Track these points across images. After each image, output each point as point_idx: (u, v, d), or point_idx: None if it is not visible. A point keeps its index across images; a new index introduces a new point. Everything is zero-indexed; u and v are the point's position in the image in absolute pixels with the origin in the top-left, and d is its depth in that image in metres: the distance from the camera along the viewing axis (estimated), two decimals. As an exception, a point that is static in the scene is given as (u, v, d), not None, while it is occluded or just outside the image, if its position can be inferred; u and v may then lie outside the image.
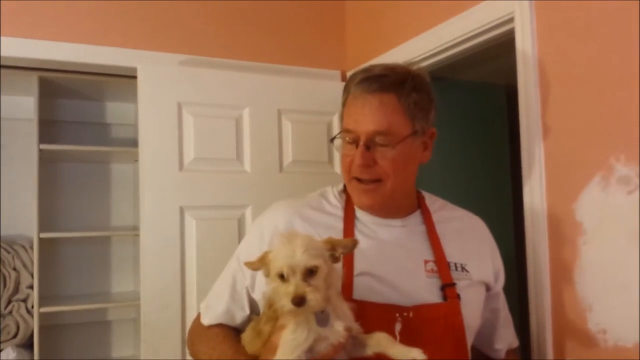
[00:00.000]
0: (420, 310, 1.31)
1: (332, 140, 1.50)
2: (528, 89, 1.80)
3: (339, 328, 1.13)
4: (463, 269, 1.43)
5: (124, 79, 2.58)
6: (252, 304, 1.45)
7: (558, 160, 1.71)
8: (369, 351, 1.17)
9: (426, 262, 1.41)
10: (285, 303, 1.06)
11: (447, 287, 1.37)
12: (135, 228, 2.76)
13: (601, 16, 1.58)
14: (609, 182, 1.55)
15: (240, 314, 1.45)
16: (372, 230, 1.43)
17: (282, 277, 1.08)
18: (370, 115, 1.35)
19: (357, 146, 1.35)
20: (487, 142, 3.28)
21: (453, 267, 1.42)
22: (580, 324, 1.63)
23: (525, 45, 1.81)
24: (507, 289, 1.58)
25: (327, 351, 1.12)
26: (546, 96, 1.76)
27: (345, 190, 1.50)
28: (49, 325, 2.80)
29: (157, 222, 2.28)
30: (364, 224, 1.43)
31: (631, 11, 1.50)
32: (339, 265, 1.20)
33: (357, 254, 1.34)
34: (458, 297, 1.37)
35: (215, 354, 1.38)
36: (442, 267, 1.40)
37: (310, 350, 1.11)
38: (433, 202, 1.56)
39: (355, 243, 1.21)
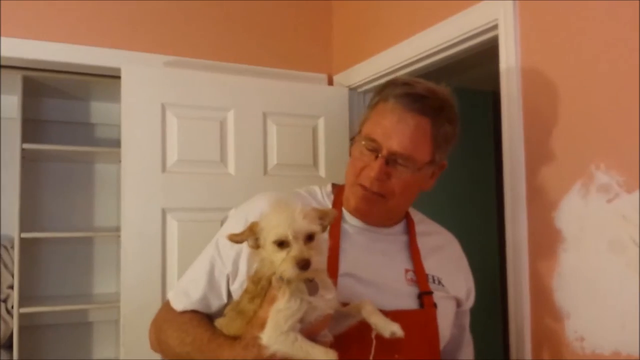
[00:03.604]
0: (399, 315, 1.30)
1: (352, 139, 1.45)
2: (511, 97, 1.80)
3: (329, 297, 1.14)
4: (439, 282, 1.45)
5: (109, 79, 2.56)
6: (229, 295, 1.40)
7: (539, 167, 1.72)
8: (351, 321, 1.19)
9: (406, 271, 1.43)
10: (288, 268, 1.06)
11: (425, 295, 1.39)
12: (119, 229, 2.73)
13: (584, 26, 1.59)
14: (589, 190, 1.55)
15: (217, 302, 1.39)
16: (358, 235, 1.44)
17: (280, 244, 1.08)
18: (402, 135, 1.34)
19: (376, 157, 1.34)
20: (473, 148, 3.29)
21: (430, 279, 1.44)
22: (558, 331, 1.63)
23: (508, 53, 1.82)
24: (491, 297, 1.59)
25: (317, 322, 1.13)
26: (529, 104, 1.76)
27: (333, 191, 1.51)
28: (29, 326, 2.77)
29: (139, 223, 2.27)
30: (350, 227, 1.44)
31: (613, 21, 1.51)
32: (325, 235, 1.21)
33: (342, 255, 1.36)
34: (434, 306, 1.39)
35: (188, 338, 1.31)
36: (420, 277, 1.42)
37: (301, 320, 1.11)
38: (414, 214, 1.57)
39: (335, 214, 1.21)
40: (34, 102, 2.94)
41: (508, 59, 1.82)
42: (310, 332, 1.12)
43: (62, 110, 3.05)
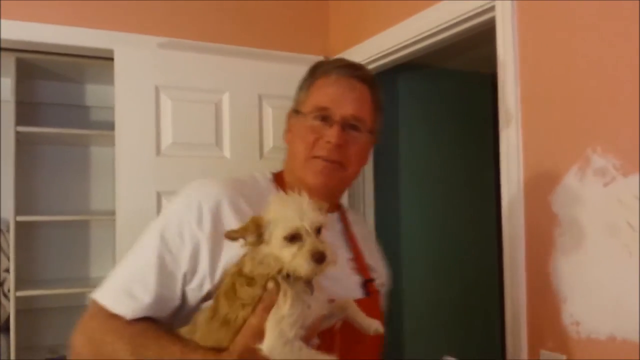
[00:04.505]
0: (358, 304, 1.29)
1: (293, 113, 1.41)
2: (507, 79, 1.78)
3: (323, 297, 1.09)
4: (373, 269, 1.45)
5: (104, 61, 2.53)
6: (183, 296, 1.22)
7: (536, 151, 1.70)
8: (332, 320, 1.15)
9: (349, 259, 1.41)
10: (303, 263, 0.99)
11: (368, 283, 1.39)
12: (115, 212, 2.73)
13: (581, 9, 1.57)
14: (586, 173, 1.54)
15: (171, 305, 1.20)
16: None
17: (292, 238, 1.01)
18: (352, 99, 1.34)
19: (330, 125, 1.32)
20: (472, 130, 3.28)
21: (368, 267, 1.44)
22: (554, 315, 1.62)
23: (505, 35, 1.80)
24: (488, 281, 1.58)
25: (313, 325, 1.07)
26: (526, 86, 1.74)
27: (274, 179, 1.42)
28: (25, 309, 2.77)
29: (134, 207, 2.26)
30: None
31: (612, 4, 1.48)
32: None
33: None
34: (377, 292, 1.41)
35: (150, 352, 1.11)
36: (361, 265, 1.41)
37: (301, 325, 1.03)
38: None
39: (327, 206, 1.14)
40: (28, 85, 2.91)
41: (505, 41, 1.80)
42: (306, 338, 1.05)
43: (56, 92, 3.02)
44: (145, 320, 1.17)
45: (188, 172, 2.35)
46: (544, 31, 1.69)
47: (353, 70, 1.38)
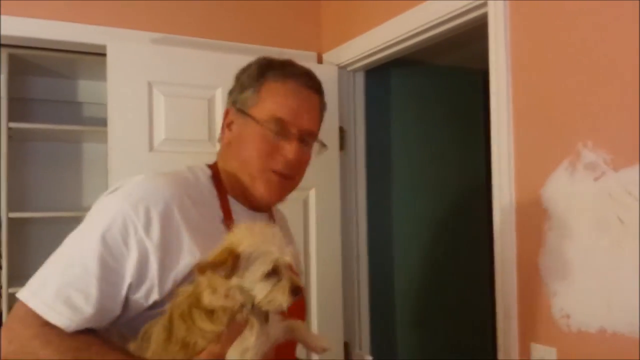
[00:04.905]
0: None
1: (239, 112, 1.34)
2: (499, 74, 1.79)
3: (277, 322, 1.09)
4: (296, 265, 1.43)
5: (96, 57, 2.52)
6: (125, 305, 1.12)
7: (527, 145, 1.71)
8: (280, 340, 1.13)
9: None
10: (283, 297, 1.00)
11: None
12: (107, 209, 2.72)
13: (574, 4, 1.57)
14: (576, 168, 1.55)
15: (112, 315, 1.10)
16: (245, 222, 1.30)
17: (269, 274, 1.00)
18: (309, 113, 1.33)
19: (289, 140, 1.29)
20: (463, 125, 3.29)
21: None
22: (545, 309, 1.64)
23: (497, 30, 1.80)
24: (479, 274, 1.59)
25: (269, 349, 1.08)
26: (517, 82, 1.75)
27: (212, 177, 1.34)
28: (18, 306, 2.77)
29: (127, 203, 2.25)
30: (239, 216, 1.30)
31: (604, 0, 1.49)
32: None
33: None
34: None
35: None
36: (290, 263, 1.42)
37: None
38: None
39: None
40: (20, 81, 2.89)
41: (497, 37, 1.80)
42: None
43: (48, 88, 3.01)
44: (85, 332, 1.07)
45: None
46: (535, 27, 1.70)
47: (308, 79, 1.35)
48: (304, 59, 2.76)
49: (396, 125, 3.13)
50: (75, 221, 1.22)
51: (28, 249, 2.93)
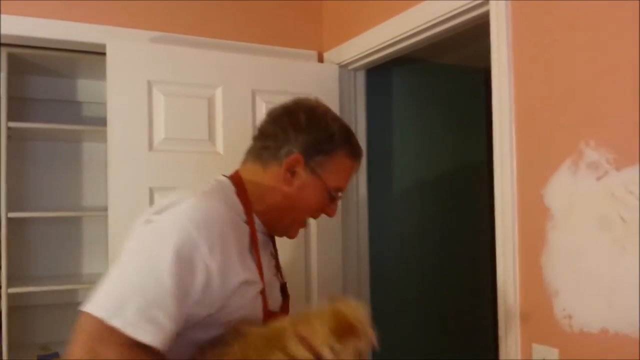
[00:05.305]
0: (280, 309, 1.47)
1: (307, 168, 1.44)
2: (501, 73, 1.78)
3: None
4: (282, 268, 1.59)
5: (96, 56, 2.51)
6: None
7: (529, 144, 1.70)
8: None
9: (273, 266, 1.52)
10: None
11: (283, 286, 1.53)
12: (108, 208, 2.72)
13: (576, 3, 1.56)
14: (579, 167, 1.54)
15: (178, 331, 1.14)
16: (263, 239, 1.45)
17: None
18: None
19: (335, 200, 1.49)
20: (465, 124, 3.28)
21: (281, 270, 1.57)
22: (546, 309, 1.63)
23: (499, 28, 1.79)
24: (480, 275, 1.59)
25: None
26: (519, 80, 1.74)
27: (237, 193, 1.40)
28: (17, 306, 2.75)
29: (126, 203, 2.24)
30: (261, 234, 1.43)
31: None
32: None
33: (264, 264, 1.37)
34: (289, 296, 1.54)
35: None
36: (278, 269, 1.53)
37: None
38: None
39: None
40: (19, 80, 2.89)
41: (499, 35, 1.79)
42: None
43: (48, 88, 3.00)
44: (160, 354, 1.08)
45: (181, 167, 2.33)
46: (537, 25, 1.68)
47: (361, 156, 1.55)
48: (305, 57, 2.77)
49: (397, 124, 3.12)
50: (75, 221, 1.22)
51: (27, 249, 2.93)
